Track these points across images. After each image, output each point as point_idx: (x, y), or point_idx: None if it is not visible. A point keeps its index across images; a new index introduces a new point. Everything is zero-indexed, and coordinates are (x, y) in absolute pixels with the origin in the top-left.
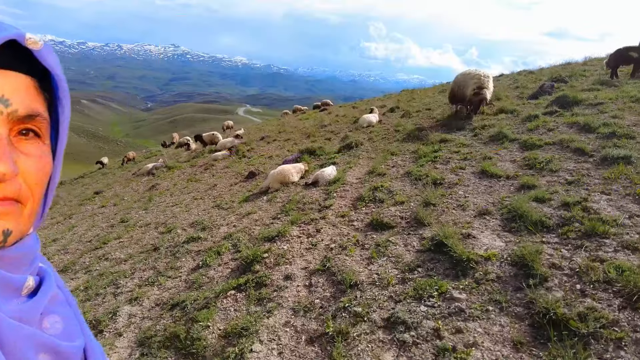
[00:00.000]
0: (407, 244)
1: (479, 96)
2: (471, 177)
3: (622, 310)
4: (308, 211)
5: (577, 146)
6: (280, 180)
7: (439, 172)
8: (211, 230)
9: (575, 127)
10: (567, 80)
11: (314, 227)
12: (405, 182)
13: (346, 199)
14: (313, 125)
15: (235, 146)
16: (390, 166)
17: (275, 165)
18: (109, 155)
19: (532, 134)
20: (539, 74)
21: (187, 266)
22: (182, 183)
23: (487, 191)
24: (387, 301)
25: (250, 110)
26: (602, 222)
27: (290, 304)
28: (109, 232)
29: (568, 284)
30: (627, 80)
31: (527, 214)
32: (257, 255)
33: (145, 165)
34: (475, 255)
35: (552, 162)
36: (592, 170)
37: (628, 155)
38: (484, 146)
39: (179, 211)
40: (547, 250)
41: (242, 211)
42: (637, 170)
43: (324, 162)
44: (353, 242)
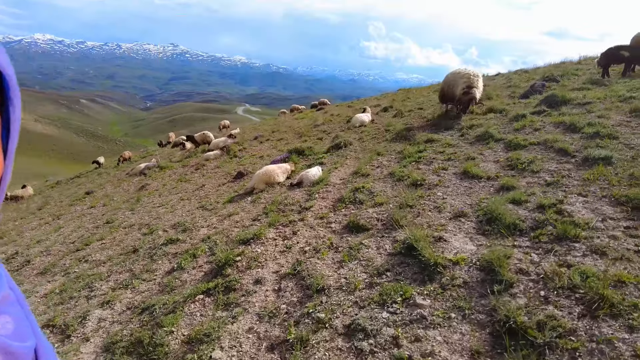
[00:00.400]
0: (379, 247)
1: (468, 95)
2: (452, 178)
3: (581, 319)
4: (288, 212)
5: (561, 146)
6: (266, 180)
7: (421, 173)
8: (191, 232)
9: (561, 126)
10: (558, 79)
11: (291, 229)
12: (387, 183)
13: (327, 200)
14: (307, 124)
15: (227, 146)
16: (375, 167)
17: (265, 165)
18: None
19: (518, 134)
20: (533, 73)
21: (162, 269)
22: (171, 183)
23: (466, 192)
24: (352, 307)
25: (250, 110)
26: (574, 226)
27: (257, 309)
28: (93, 233)
29: (533, 290)
30: (618, 79)
31: (502, 217)
32: (230, 259)
33: (138, 165)
34: (443, 260)
35: (534, 163)
36: (572, 171)
37: (609, 156)
38: (469, 146)
39: (164, 212)
40: (517, 254)
41: (225, 212)
42: (616, 172)
43: (311, 162)
44: (327, 244)
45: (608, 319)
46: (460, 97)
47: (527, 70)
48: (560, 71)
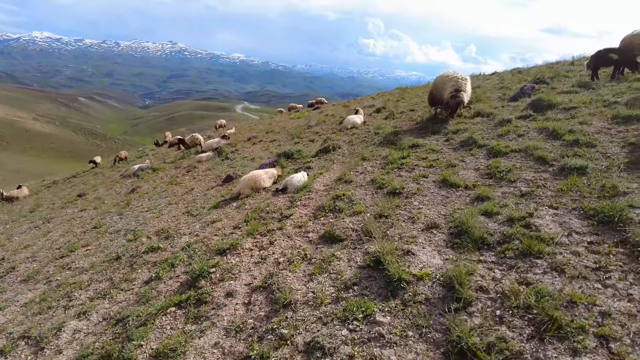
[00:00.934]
0: (350, 259)
1: (456, 99)
2: (431, 186)
3: (529, 341)
4: (268, 220)
5: (540, 155)
6: (251, 186)
7: (401, 181)
8: (173, 240)
9: (544, 133)
10: (548, 81)
11: (269, 238)
12: (368, 190)
13: (308, 208)
14: (301, 125)
15: (220, 147)
16: (359, 172)
17: (255, 168)
18: (106, 152)
19: (501, 140)
20: (526, 73)
21: (141, 278)
22: (162, 186)
23: (442, 202)
24: (315, 323)
25: (248, 108)
26: (539, 241)
27: (225, 323)
28: (80, 238)
29: (490, 309)
30: (605, 82)
31: (471, 230)
32: (204, 270)
33: (132, 167)
34: (408, 275)
35: (511, 172)
36: (548, 181)
37: (584, 166)
38: (453, 152)
39: (151, 217)
40: (480, 270)
41: (209, 219)
42: (589, 182)
43: (299, 166)
44: (301, 256)
45: (555, 341)
46: (448, 101)
47: (520, 71)
48: (552, 73)
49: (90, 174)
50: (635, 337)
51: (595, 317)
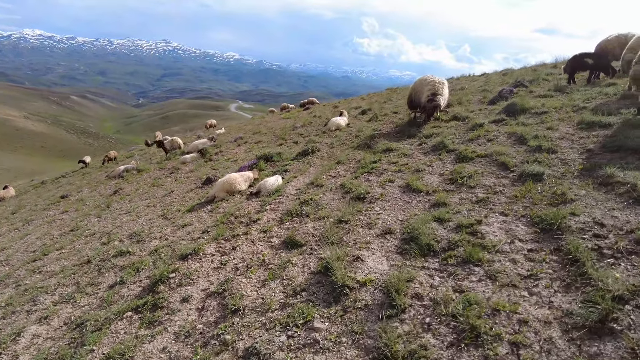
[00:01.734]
0: (305, 265)
1: (433, 103)
2: (396, 191)
3: (448, 349)
4: (236, 225)
5: (503, 160)
6: (227, 189)
7: (368, 185)
8: (143, 244)
9: (512, 137)
10: (527, 85)
11: (233, 243)
12: (336, 194)
13: (277, 212)
14: (288, 126)
15: (205, 148)
16: (332, 176)
17: (236, 170)
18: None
19: (471, 145)
20: (510, 76)
21: (107, 282)
22: (144, 188)
23: (403, 207)
24: (259, 329)
25: (242, 107)
26: (482, 248)
27: (176, 328)
28: (56, 241)
29: (420, 316)
30: (580, 87)
31: (420, 236)
32: (164, 276)
33: (118, 168)
34: (352, 281)
35: (473, 178)
36: (506, 187)
37: (541, 173)
38: (423, 156)
39: (128, 220)
40: (421, 277)
41: (181, 222)
42: (542, 189)
43: (278, 169)
44: (260, 261)
45: (471, 349)
46: (425, 105)
47: (506, 73)
48: (533, 76)
49: (79, 174)
50: (544, 344)
51: (513, 324)
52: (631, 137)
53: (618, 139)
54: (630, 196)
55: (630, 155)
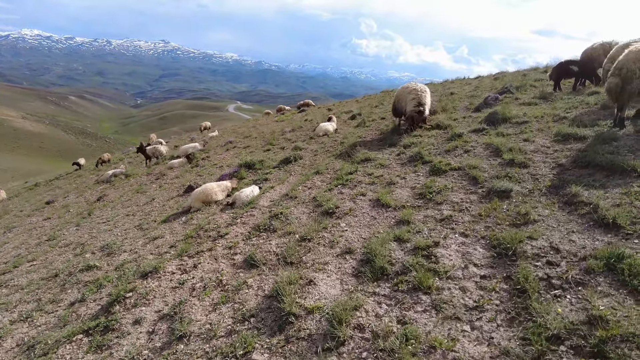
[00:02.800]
0: (259, 288)
1: (422, 115)
2: (366, 205)
3: None
4: (204, 239)
5: (474, 175)
6: (203, 199)
7: (340, 199)
8: (113, 257)
9: (489, 149)
10: (513, 91)
11: (195, 261)
12: (308, 208)
13: (247, 226)
14: (279, 130)
15: (193, 153)
16: (307, 187)
17: (218, 178)
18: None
19: (447, 156)
20: (501, 80)
21: (68, 299)
22: (128, 194)
23: (368, 224)
24: (201, 357)
25: (241, 107)
26: (433, 274)
27: (122, 353)
28: (30, 252)
29: (358, 350)
30: (564, 95)
31: (377, 258)
32: (120, 295)
33: (107, 172)
34: (299, 308)
35: (441, 193)
36: (473, 204)
37: (509, 189)
38: (399, 167)
39: (104, 230)
40: (368, 304)
41: (153, 234)
42: (508, 208)
43: (258, 178)
44: (217, 282)
45: None
46: (412, 115)
47: (497, 77)
48: (521, 82)
49: (73, 176)
50: None
51: None
52: (600, 153)
53: (589, 154)
54: (591, 218)
55: (598, 172)
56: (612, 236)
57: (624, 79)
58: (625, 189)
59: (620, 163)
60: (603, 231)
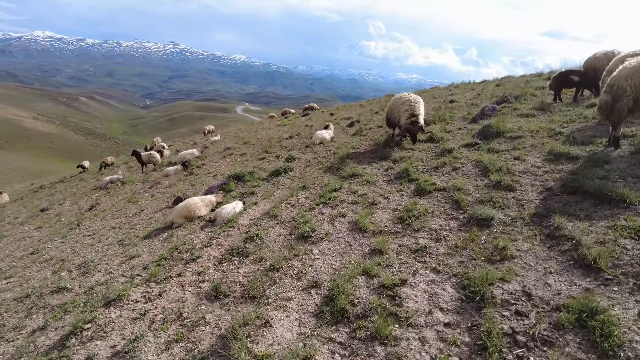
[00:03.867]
0: (216, 325)
1: (417, 125)
2: (344, 228)
3: None
4: (177, 261)
5: (458, 197)
6: (185, 215)
7: (319, 220)
8: (87, 277)
9: (478, 167)
10: (512, 101)
11: (161, 288)
12: (285, 229)
13: (221, 248)
14: (279, 136)
15: (188, 160)
16: (290, 205)
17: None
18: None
19: (433, 174)
20: (503, 87)
21: (32, 326)
22: (120, 203)
23: (342, 251)
24: None
25: (249, 109)
26: (394, 319)
27: None
28: (12, 266)
29: None
30: (563, 106)
31: (340, 297)
32: (78, 327)
33: (104, 178)
34: (248, 355)
35: (421, 218)
36: (451, 232)
37: (490, 217)
38: (386, 185)
39: (87, 244)
40: (321, 354)
41: (131, 253)
42: (486, 239)
43: (246, 190)
44: (178, 314)
45: None
46: (408, 127)
47: (499, 84)
48: (521, 90)
49: (76, 180)
50: None
51: None
52: (590, 178)
53: (578, 179)
54: (572, 256)
55: (586, 200)
56: (591, 280)
57: (615, 97)
58: (612, 221)
59: (608, 192)
60: (582, 273)
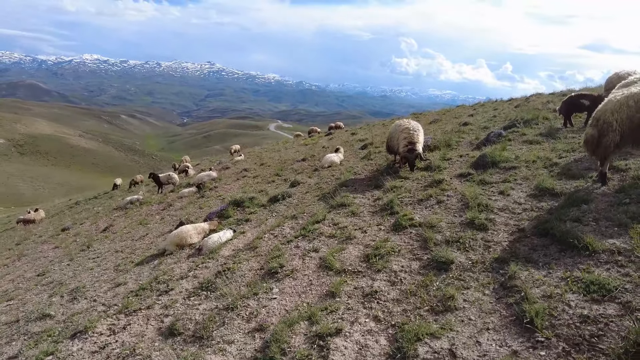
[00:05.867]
0: None
1: (414, 153)
2: (312, 265)
3: None
4: (153, 292)
5: (428, 236)
6: (177, 243)
7: (292, 254)
8: (72, 304)
9: (462, 201)
10: (519, 126)
11: (127, 321)
12: (259, 263)
13: (196, 281)
14: (294, 157)
15: (203, 183)
16: (274, 235)
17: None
18: (143, 168)
19: (416, 207)
20: (521, 109)
21: (7, 354)
22: (132, 225)
23: (302, 291)
24: None
25: (281, 126)
26: None
27: None
28: (18, 287)
29: None
30: (568, 133)
31: (273, 345)
32: (39, 359)
33: (125, 198)
34: None
35: (386, 257)
36: (411, 274)
37: (449, 261)
38: (369, 217)
39: (88, 268)
40: None
41: (121, 280)
42: (438, 287)
43: (243, 217)
44: (132, 351)
45: None
46: (406, 155)
47: (518, 105)
48: (534, 114)
49: (106, 197)
50: None
51: None
52: (563, 220)
53: (551, 221)
54: (513, 312)
55: (553, 244)
56: (523, 341)
57: (601, 131)
58: (568, 272)
59: (572, 238)
60: (518, 332)
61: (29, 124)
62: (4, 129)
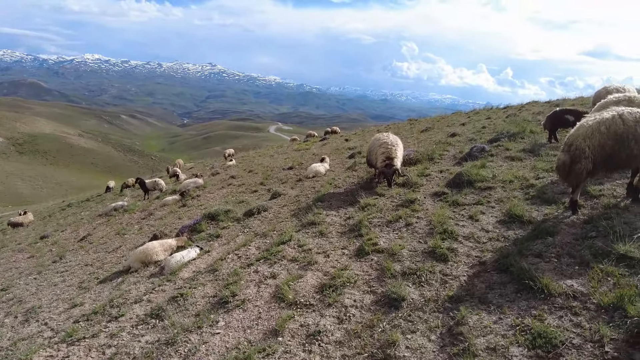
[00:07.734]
0: None
1: (391, 168)
2: (265, 295)
3: None
4: (102, 318)
5: (387, 266)
6: (142, 260)
7: (249, 280)
8: (24, 327)
9: (430, 226)
10: (504, 140)
11: (69, 350)
12: (214, 289)
13: (149, 306)
14: (283, 164)
15: (187, 190)
16: (238, 256)
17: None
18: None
19: (384, 229)
20: (512, 120)
21: None
22: (109, 235)
23: (247, 326)
24: None
25: (281, 128)
26: None
27: None
28: None
29: None
30: (553, 149)
31: None
32: None
33: (109, 205)
34: None
35: (340, 289)
36: (362, 311)
37: (401, 298)
38: (336, 239)
39: (52, 284)
40: None
41: (79, 300)
42: (385, 327)
43: (212, 233)
44: None
45: None
46: (383, 170)
47: (509, 115)
48: (521, 127)
49: (95, 201)
50: None
51: None
52: (525, 255)
53: (511, 256)
54: None
55: (511, 283)
56: None
57: (573, 158)
58: (519, 318)
59: (528, 279)
60: None
61: (28, 123)
62: (4, 128)
